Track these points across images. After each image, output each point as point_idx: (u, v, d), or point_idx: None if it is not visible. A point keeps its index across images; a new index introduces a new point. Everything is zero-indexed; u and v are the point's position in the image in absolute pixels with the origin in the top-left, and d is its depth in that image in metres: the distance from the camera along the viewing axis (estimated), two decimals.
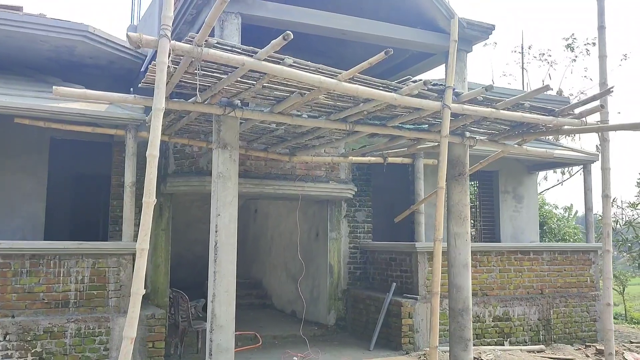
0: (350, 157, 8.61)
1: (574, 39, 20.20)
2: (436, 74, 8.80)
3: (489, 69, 45.76)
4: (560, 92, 18.90)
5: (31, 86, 7.72)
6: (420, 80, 5.25)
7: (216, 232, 5.73)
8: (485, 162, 7.55)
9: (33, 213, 8.37)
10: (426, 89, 5.32)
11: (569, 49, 20.27)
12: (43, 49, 7.97)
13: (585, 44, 20.16)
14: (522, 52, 20.85)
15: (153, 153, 3.91)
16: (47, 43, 7.73)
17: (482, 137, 7.15)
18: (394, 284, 8.92)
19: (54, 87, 4.91)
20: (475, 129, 6.93)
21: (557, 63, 20.93)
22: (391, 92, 5.28)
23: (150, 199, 3.90)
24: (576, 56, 20.22)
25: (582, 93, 20.17)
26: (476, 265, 9.05)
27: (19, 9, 7.60)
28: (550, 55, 21.01)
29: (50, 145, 8.60)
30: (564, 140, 16.59)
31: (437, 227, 5.45)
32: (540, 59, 21.05)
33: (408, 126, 6.58)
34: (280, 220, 12.07)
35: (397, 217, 9.10)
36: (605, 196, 6.32)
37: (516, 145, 7.26)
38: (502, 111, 5.84)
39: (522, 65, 20.73)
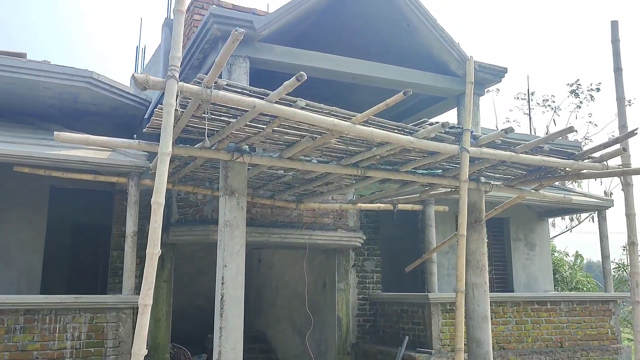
0: (359, 204, 8.32)
1: (579, 84, 20.28)
2: (444, 119, 8.63)
3: (492, 115, 45.98)
4: (565, 137, 18.81)
5: (32, 134, 7.52)
6: (438, 122, 5.03)
7: (222, 284, 5.39)
8: (501, 208, 7.27)
9: (29, 265, 8.03)
10: (444, 131, 5.10)
11: (573, 94, 20.30)
12: (46, 96, 7.82)
13: (589, 90, 20.21)
14: (529, 98, 20.88)
15: (158, 201, 3.63)
16: (50, 90, 7.58)
17: (497, 183, 6.90)
18: (407, 337, 8.47)
19: (55, 132, 4.69)
20: (491, 174, 6.69)
21: (561, 109, 20.96)
22: (407, 134, 5.06)
23: (154, 249, 3.60)
24: (581, 102, 20.24)
25: (586, 139, 20.09)
26: (492, 317, 8.57)
27: (22, 55, 7.49)
28: (554, 101, 21.03)
29: (49, 193, 8.34)
30: (569, 186, 16.36)
31: (459, 278, 5.12)
32: (543, 105, 21.08)
33: (421, 171, 6.33)
34: (285, 270, 11.67)
35: (408, 267, 8.72)
36: (632, 243, 6.01)
37: (533, 191, 7.00)
38: (521, 155, 5.60)
39: (529, 111, 20.74)
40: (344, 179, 6.85)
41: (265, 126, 4.85)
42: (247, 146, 5.49)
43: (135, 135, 8.24)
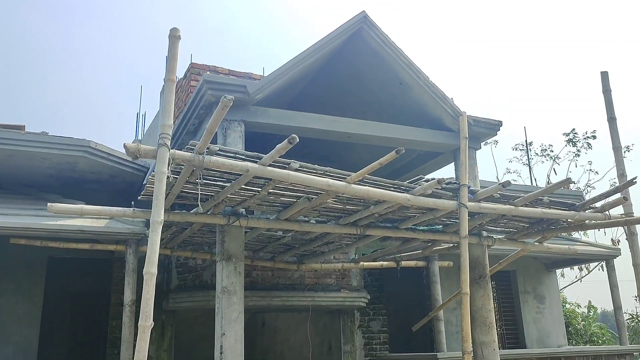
0: (361, 263, 8.18)
1: (575, 133, 20.40)
2: (443, 173, 8.59)
3: (492, 167, 46.09)
4: (567, 186, 18.75)
5: (30, 205, 7.50)
6: (433, 179, 4.99)
7: (221, 353, 5.21)
8: (505, 262, 7.13)
9: (26, 339, 7.83)
10: (440, 187, 5.05)
11: (570, 143, 20.40)
12: (44, 167, 7.86)
13: (585, 138, 20.31)
14: (527, 149, 20.98)
15: (151, 271, 3.54)
16: (48, 160, 7.63)
17: (499, 236, 6.79)
18: None
19: (48, 204, 4.66)
20: (492, 228, 6.59)
21: (561, 158, 21.01)
22: (403, 192, 5.01)
23: (147, 322, 3.48)
24: (578, 150, 20.30)
25: (588, 186, 20.03)
26: None
27: (21, 128, 7.58)
28: (552, 151, 21.11)
29: (47, 263, 8.24)
30: (576, 235, 16.14)
31: (465, 338, 4.93)
32: (542, 155, 21.15)
33: (422, 227, 6.24)
34: (290, 333, 11.37)
35: (415, 326, 8.48)
36: None
37: (536, 243, 6.88)
38: (521, 208, 5.52)
39: (529, 162, 20.78)
40: (344, 238, 6.75)
41: (260, 189, 4.82)
42: (244, 209, 5.44)
43: (133, 202, 8.22)
